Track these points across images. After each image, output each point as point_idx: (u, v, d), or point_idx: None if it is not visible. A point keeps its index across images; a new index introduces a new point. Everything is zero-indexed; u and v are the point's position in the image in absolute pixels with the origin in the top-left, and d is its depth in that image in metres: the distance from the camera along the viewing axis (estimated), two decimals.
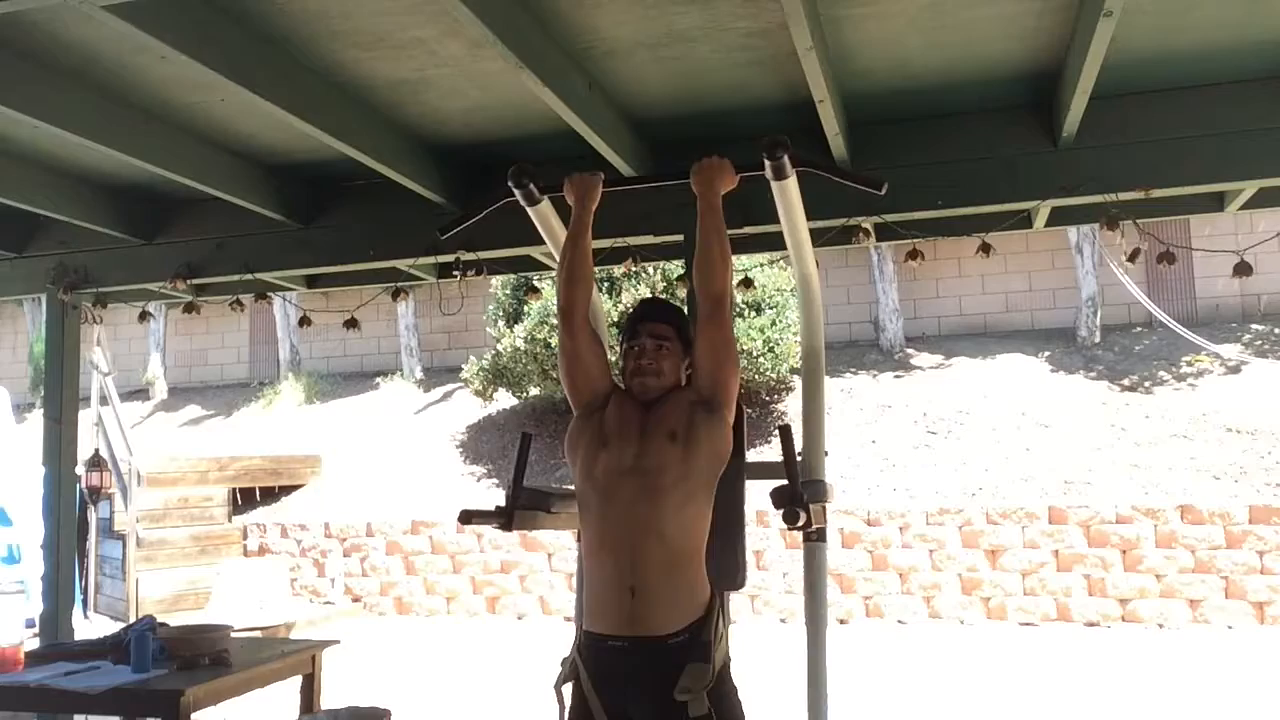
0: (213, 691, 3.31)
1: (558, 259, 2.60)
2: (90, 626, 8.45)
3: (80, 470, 7.62)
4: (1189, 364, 11.30)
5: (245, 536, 10.79)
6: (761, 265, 10.13)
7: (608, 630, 2.26)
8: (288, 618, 9.18)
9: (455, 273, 4.29)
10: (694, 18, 2.84)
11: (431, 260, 4.37)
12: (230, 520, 10.87)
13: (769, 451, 10.04)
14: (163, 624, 3.83)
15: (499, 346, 11.78)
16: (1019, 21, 2.95)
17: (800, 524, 2.33)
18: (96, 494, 8.76)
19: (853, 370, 12.46)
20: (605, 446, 2.38)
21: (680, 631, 2.23)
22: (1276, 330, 11.80)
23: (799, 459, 2.59)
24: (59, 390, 4.71)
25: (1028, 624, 8.44)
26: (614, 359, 2.62)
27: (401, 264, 4.54)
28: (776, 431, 2.55)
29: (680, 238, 3.79)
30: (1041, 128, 3.56)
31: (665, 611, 2.23)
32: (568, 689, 2.38)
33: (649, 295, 10.50)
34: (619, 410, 2.43)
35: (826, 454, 3.03)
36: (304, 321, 4.98)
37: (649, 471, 2.30)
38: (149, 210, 4.52)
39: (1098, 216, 3.74)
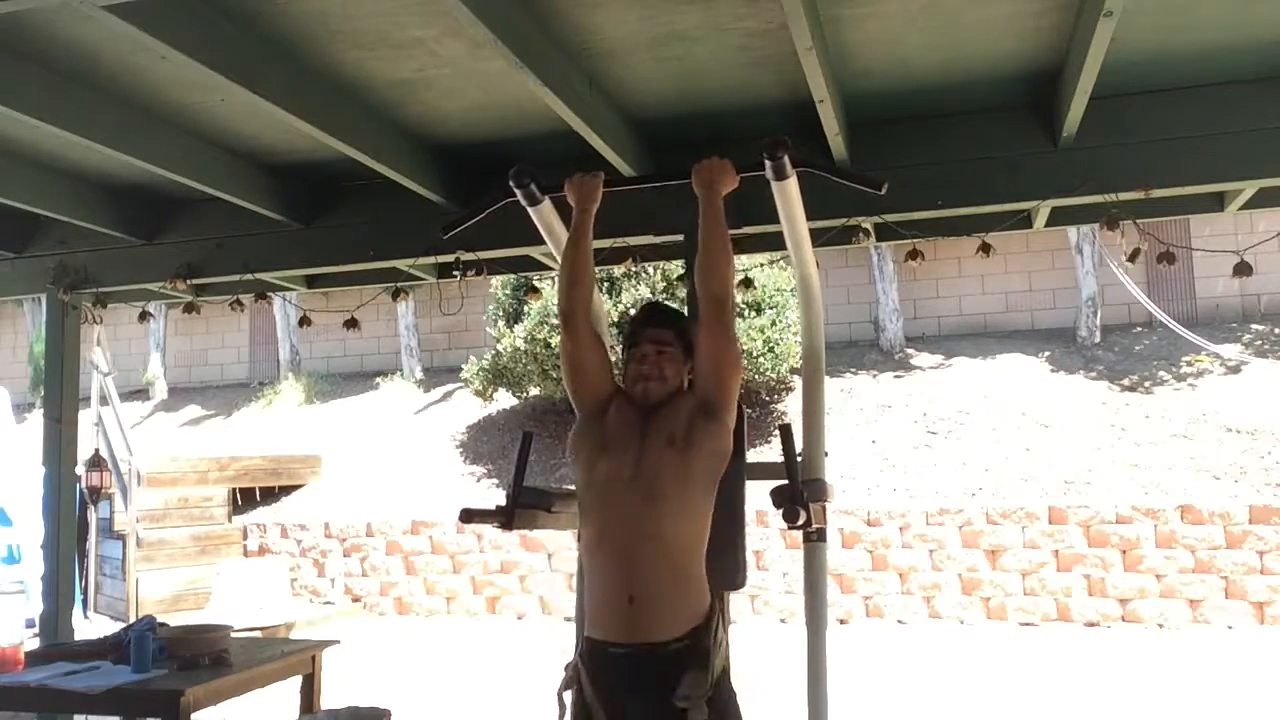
0: (213, 691, 3.31)
1: (559, 261, 2.60)
2: (90, 626, 8.45)
3: (80, 470, 7.62)
4: (1189, 364, 11.30)
5: (245, 536, 10.79)
6: (761, 265, 10.13)
7: (608, 637, 2.27)
8: (288, 618, 9.18)
9: (455, 273, 4.29)
10: (694, 18, 2.83)
11: (431, 260, 4.37)
12: (230, 520, 10.87)
13: (769, 451, 10.04)
14: (163, 624, 3.83)
15: (499, 346, 11.79)
16: (1019, 21, 2.95)
17: (800, 523, 2.33)
18: (96, 494, 8.75)
19: (853, 370, 12.46)
20: (606, 452, 2.38)
21: (680, 638, 2.23)
22: (1276, 330, 11.80)
23: (799, 459, 2.59)
24: (59, 390, 4.71)
25: (1028, 624, 8.44)
26: (615, 360, 2.62)
27: (401, 264, 4.54)
28: (776, 431, 2.56)
29: (680, 238, 3.79)
30: (1041, 128, 3.55)
31: (665, 618, 2.23)
32: (569, 696, 2.38)
33: (649, 296, 10.50)
34: (620, 415, 2.43)
35: (826, 454, 3.03)
36: (304, 321, 4.98)
37: (647, 477, 2.30)
38: (149, 210, 4.52)
39: (1098, 216, 3.74)
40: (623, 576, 2.25)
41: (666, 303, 10.17)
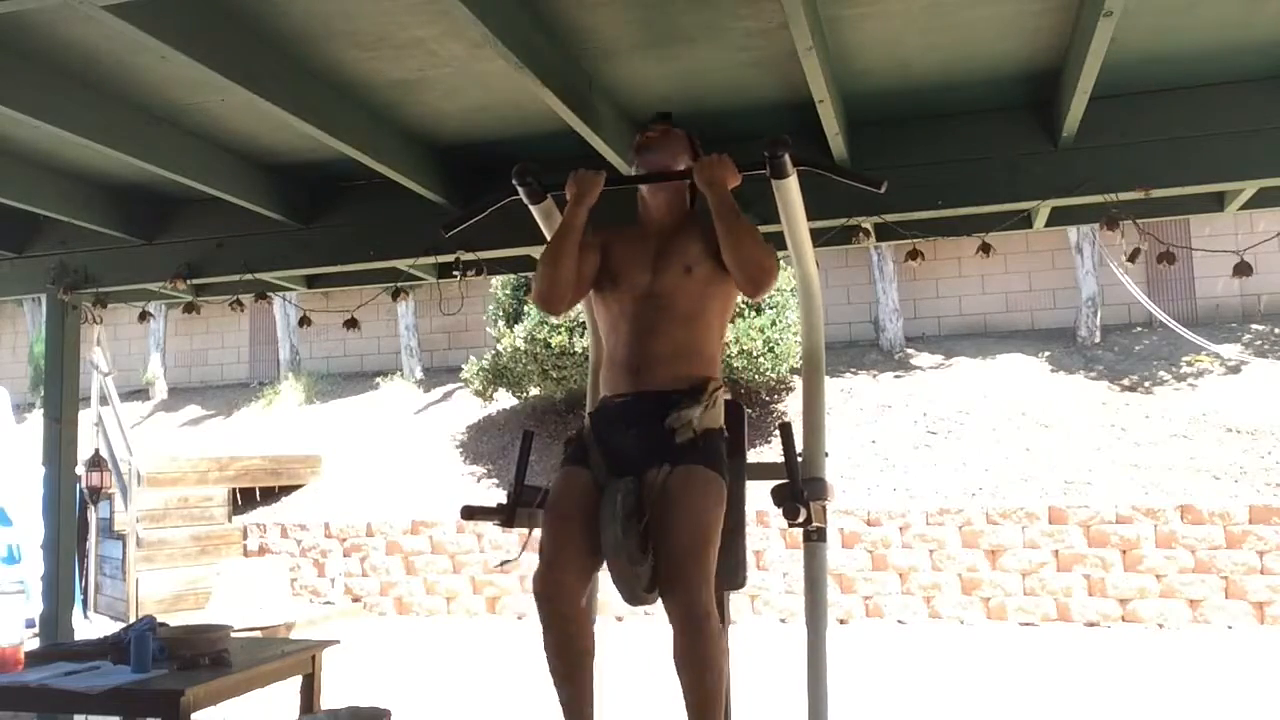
0: (213, 691, 3.31)
1: (543, 252, 2.62)
2: (90, 626, 8.45)
3: (80, 470, 7.62)
4: (1189, 364, 11.30)
5: (245, 536, 10.79)
6: None
7: (614, 391, 2.50)
8: (288, 618, 9.18)
9: (455, 273, 4.29)
10: (694, 18, 2.83)
11: (431, 260, 4.37)
12: (230, 520, 10.87)
13: (769, 452, 10.04)
14: (163, 624, 3.82)
15: (499, 346, 11.78)
16: (1019, 21, 2.95)
17: (801, 520, 2.35)
18: (96, 494, 8.76)
19: (853, 370, 12.46)
20: (619, 279, 2.56)
21: (678, 391, 2.43)
22: (1276, 330, 11.80)
23: (799, 458, 2.60)
24: (59, 390, 4.71)
25: (1028, 624, 8.45)
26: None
27: (401, 264, 4.54)
28: (777, 431, 2.59)
29: None
30: (1041, 128, 3.55)
31: (667, 376, 2.46)
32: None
33: None
34: (625, 246, 2.60)
35: (827, 454, 3.03)
36: (304, 321, 4.98)
37: (663, 295, 2.50)
38: (149, 210, 4.52)
39: (1098, 216, 3.74)
40: (634, 357, 2.47)
41: None
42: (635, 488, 2.31)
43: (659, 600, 2.28)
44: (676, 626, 2.24)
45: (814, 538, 2.78)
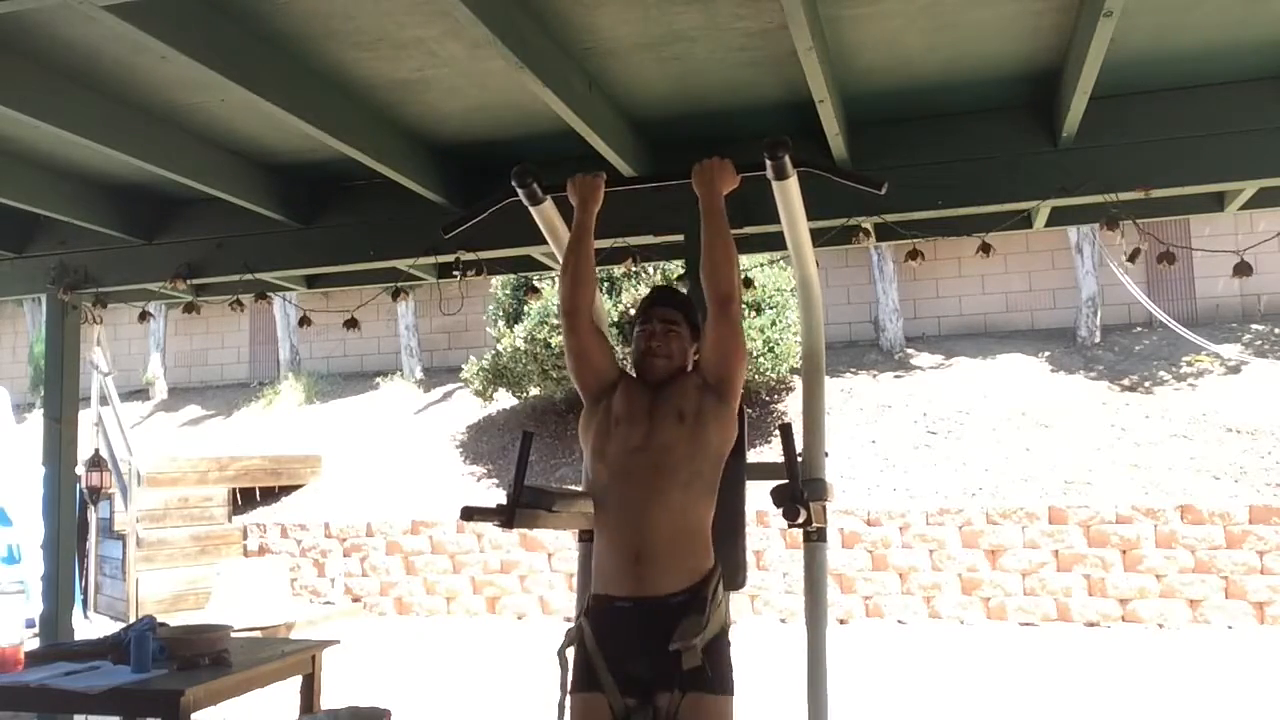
0: (213, 691, 3.31)
1: (561, 262, 2.63)
2: (90, 626, 8.45)
3: (80, 470, 7.62)
4: (1189, 364, 11.30)
5: (245, 536, 10.79)
6: (761, 265, 10.14)
7: (615, 592, 2.39)
8: (288, 618, 9.18)
9: (455, 273, 4.29)
10: (694, 18, 2.84)
11: (431, 260, 4.38)
12: (230, 520, 10.87)
13: (769, 452, 10.04)
14: (163, 624, 3.82)
15: (499, 346, 11.79)
16: (1019, 21, 2.95)
17: (801, 520, 2.36)
18: (96, 494, 8.75)
19: (853, 370, 12.46)
20: (615, 429, 2.48)
21: (680, 592, 2.35)
22: (1276, 330, 11.80)
23: (799, 459, 2.60)
24: (59, 390, 4.71)
25: (1028, 624, 8.44)
26: (621, 355, 2.66)
27: (401, 264, 4.54)
28: (777, 431, 2.60)
29: (680, 238, 3.79)
30: (1041, 128, 3.56)
31: (668, 575, 2.36)
32: (571, 654, 2.46)
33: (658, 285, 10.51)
34: (627, 395, 2.52)
35: (827, 454, 3.03)
36: (304, 321, 4.98)
37: (657, 449, 2.41)
38: (149, 210, 4.52)
39: (1098, 216, 3.75)
40: (630, 536, 2.37)
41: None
42: (650, 716, 2.34)
43: None
44: None
45: (814, 538, 2.78)
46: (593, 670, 2.39)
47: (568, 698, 2.43)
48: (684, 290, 3.28)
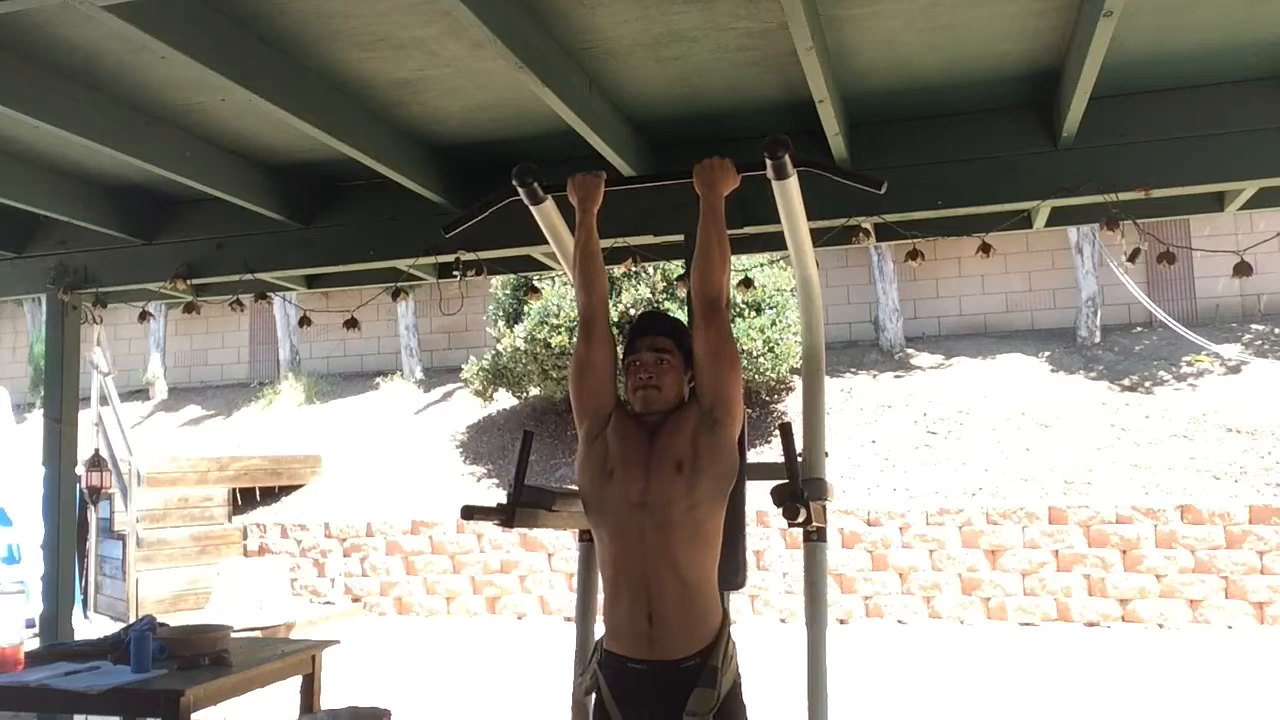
0: (213, 691, 3.31)
1: (568, 266, 2.60)
2: (90, 626, 8.45)
3: (80, 470, 7.62)
4: (1189, 364, 11.30)
5: (245, 536, 10.79)
6: (761, 265, 10.14)
7: (627, 653, 2.37)
8: (288, 618, 9.18)
9: (455, 273, 4.29)
10: (694, 18, 2.84)
11: (431, 260, 4.38)
12: (230, 520, 10.87)
13: (769, 452, 10.04)
14: (163, 624, 3.83)
15: (499, 346, 11.79)
16: (1019, 21, 2.95)
17: (801, 519, 2.35)
18: (96, 494, 8.75)
19: (853, 370, 12.47)
20: (611, 477, 2.39)
21: (691, 656, 2.33)
22: (1276, 330, 11.80)
23: (799, 458, 2.59)
24: (59, 390, 4.71)
25: (1028, 624, 8.45)
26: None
27: (401, 264, 4.54)
28: (777, 431, 2.58)
29: (680, 238, 3.79)
30: (1041, 128, 3.56)
31: (679, 638, 2.33)
32: (590, 700, 2.47)
33: (649, 296, 10.50)
34: (622, 433, 2.43)
35: (827, 454, 3.03)
36: (304, 321, 4.98)
37: (657, 506, 2.33)
38: (149, 210, 4.52)
39: (1098, 216, 3.74)
40: (640, 598, 2.34)
41: (664, 308, 10.10)
42: None
43: None
44: None
45: (814, 538, 2.78)
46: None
47: None
48: (679, 297, 3.25)
